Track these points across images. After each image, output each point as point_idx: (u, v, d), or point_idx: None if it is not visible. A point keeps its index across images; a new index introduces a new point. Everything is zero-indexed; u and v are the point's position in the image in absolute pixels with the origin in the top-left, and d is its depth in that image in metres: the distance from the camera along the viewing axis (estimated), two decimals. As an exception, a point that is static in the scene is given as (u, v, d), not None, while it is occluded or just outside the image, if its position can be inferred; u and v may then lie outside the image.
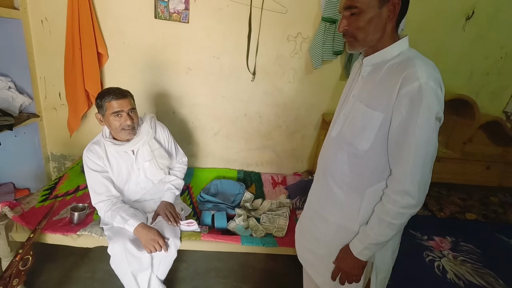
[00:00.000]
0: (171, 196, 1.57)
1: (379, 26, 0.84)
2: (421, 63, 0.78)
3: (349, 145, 0.91)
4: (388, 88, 0.81)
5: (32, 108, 2.05)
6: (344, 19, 0.86)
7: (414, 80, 0.75)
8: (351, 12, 0.84)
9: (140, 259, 1.34)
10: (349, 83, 1.03)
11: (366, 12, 0.82)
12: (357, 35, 0.85)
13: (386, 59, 0.86)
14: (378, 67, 0.87)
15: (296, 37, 2.06)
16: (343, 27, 0.86)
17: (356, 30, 0.84)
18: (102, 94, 1.37)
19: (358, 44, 0.87)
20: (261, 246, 1.52)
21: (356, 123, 0.89)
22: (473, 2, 2.04)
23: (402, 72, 0.78)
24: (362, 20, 0.83)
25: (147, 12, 1.93)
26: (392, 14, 0.83)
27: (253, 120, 2.26)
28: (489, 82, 2.30)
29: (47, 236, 1.44)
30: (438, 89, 0.77)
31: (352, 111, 0.92)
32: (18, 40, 1.88)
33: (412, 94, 0.76)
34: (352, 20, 0.84)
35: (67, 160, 2.28)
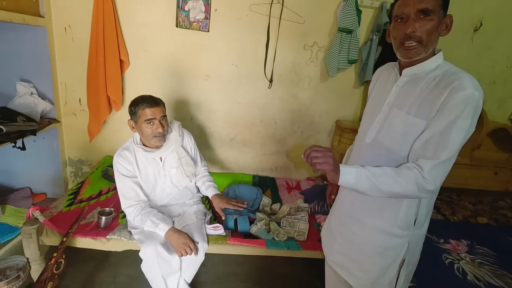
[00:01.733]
0: (215, 190, 1.68)
1: (438, 36, 0.88)
2: (466, 75, 0.84)
3: (388, 151, 0.95)
4: (432, 98, 0.86)
5: (52, 114, 2.08)
6: (415, 22, 0.86)
7: (463, 90, 0.81)
8: (423, 16, 0.85)
9: (170, 263, 1.37)
10: (377, 91, 1.08)
11: (436, 19, 0.86)
12: (424, 39, 0.86)
13: (426, 70, 0.91)
14: (416, 78, 0.92)
15: (312, 46, 2.13)
16: (412, 29, 0.86)
17: (425, 34, 0.86)
18: (136, 102, 1.41)
19: (423, 49, 0.88)
20: (286, 249, 1.56)
21: (396, 130, 0.93)
22: (481, 15, 2.14)
23: (450, 83, 0.83)
24: (433, 26, 0.85)
25: (168, 21, 1.99)
26: (447, 28, 0.89)
27: (268, 126, 2.31)
28: (496, 90, 2.39)
29: (77, 240, 1.47)
30: (481, 100, 0.83)
31: (390, 119, 0.95)
32: (42, 47, 1.91)
33: (459, 100, 0.81)
34: (423, 23, 0.86)
35: (84, 165, 2.30)
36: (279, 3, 1.99)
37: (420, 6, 0.85)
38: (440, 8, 0.86)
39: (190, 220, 1.55)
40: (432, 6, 0.85)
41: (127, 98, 2.11)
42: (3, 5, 1.56)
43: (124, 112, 2.12)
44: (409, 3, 0.87)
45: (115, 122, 2.18)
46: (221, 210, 1.65)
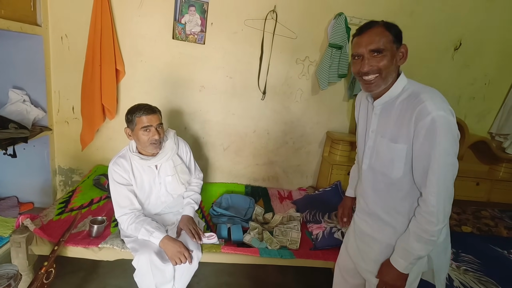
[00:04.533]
0: (191, 211, 1.60)
1: (395, 66, 0.96)
2: (428, 96, 0.89)
3: (383, 175, 1.02)
4: (404, 123, 0.93)
5: (44, 121, 2.06)
6: (370, 60, 0.95)
7: (427, 115, 0.86)
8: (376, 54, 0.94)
9: (164, 272, 1.36)
10: (362, 119, 1.16)
11: (389, 54, 0.94)
12: (383, 71, 0.94)
13: (394, 96, 0.98)
14: (389, 105, 1.00)
15: (304, 60, 2.22)
16: (368, 69, 0.95)
17: (382, 68, 0.94)
18: (133, 110, 1.43)
19: (382, 81, 0.96)
20: (279, 258, 1.58)
21: (383, 156, 1.01)
22: (460, 35, 2.29)
23: (414, 107, 0.90)
24: (387, 61, 0.94)
25: (165, 33, 2.04)
26: (404, 57, 0.98)
27: (261, 136, 2.36)
28: (475, 105, 2.53)
29: (68, 249, 1.44)
30: (449, 115, 0.87)
31: (376, 146, 1.03)
32: (37, 55, 1.92)
33: (427, 126, 0.86)
34: (377, 60, 0.94)
35: (74, 173, 2.27)
36: (273, 19, 2.08)
37: (371, 47, 0.94)
38: (392, 43, 0.94)
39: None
40: (383, 45, 0.93)
41: (122, 107, 2.12)
42: (1, 13, 1.57)
43: (117, 121, 2.13)
44: (362, 44, 0.96)
45: (108, 131, 2.18)
46: (180, 230, 1.53)
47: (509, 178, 2.56)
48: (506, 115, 2.48)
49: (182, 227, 1.52)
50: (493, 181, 2.55)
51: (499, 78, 2.47)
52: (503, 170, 2.57)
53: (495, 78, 2.47)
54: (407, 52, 0.98)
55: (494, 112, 2.58)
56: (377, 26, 0.96)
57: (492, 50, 2.37)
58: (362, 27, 0.99)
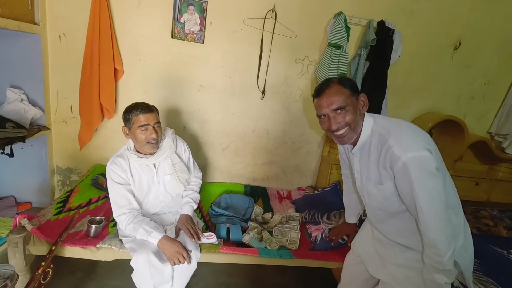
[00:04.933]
0: (190, 210, 1.59)
1: (360, 115, 1.04)
2: (394, 141, 0.95)
3: (382, 210, 1.10)
4: (381, 166, 1.00)
5: (42, 121, 2.05)
6: (336, 118, 1.02)
7: (397, 160, 0.92)
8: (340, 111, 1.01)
9: (163, 272, 1.35)
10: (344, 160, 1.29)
11: (351, 107, 1.01)
12: (351, 124, 1.02)
13: (366, 139, 1.05)
14: (365, 149, 1.06)
15: (304, 60, 2.21)
16: (336, 126, 1.02)
17: (349, 121, 1.02)
18: (130, 108, 1.42)
19: (352, 132, 1.04)
20: (278, 258, 1.57)
21: (376, 196, 1.07)
22: (460, 35, 2.29)
23: (386, 154, 0.96)
24: (351, 114, 1.01)
25: (164, 32, 2.03)
26: (365, 105, 1.04)
27: (260, 136, 2.35)
28: (475, 105, 2.53)
29: (66, 249, 1.43)
30: (419, 152, 0.91)
31: (366, 187, 1.10)
32: (35, 54, 1.91)
33: (401, 171, 0.93)
34: (342, 116, 1.02)
35: (73, 173, 2.26)
36: (272, 18, 2.07)
37: (333, 107, 1.01)
38: (350, 96, 1.01)
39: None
40: (344, 103, 1.00)
41: (120, 106, 2.11)
42: (-1, 12, 1.57)
43: (116, 120, 2.12)
44: (324, 105, 1.03)
45: (107, 130, 2.17)
46: (179, 230, 1.51)
47: (508, 178, 2.56)
48: (506, 115, 2.48)
49: (180, 226, 1.51)
50: (493, 181, 2.55)
51: (498, 78, 2.47)
52: (503, 170, 2.57)
53: (495, 78, 2.46)
54: (367, 99, 1.05)
55: (493, 112, 2.57)
56: (333, 84, 1.02)
57: (492, 50, 2.37)
58: (319, 89, 1.05)
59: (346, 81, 1.03)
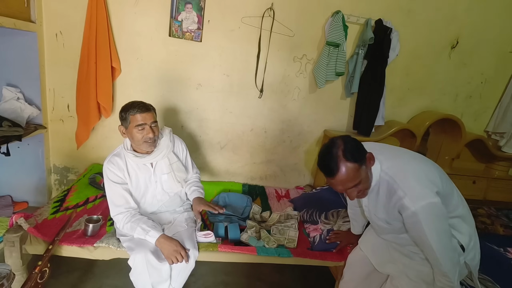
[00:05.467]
0: (199, 193, 1.61)
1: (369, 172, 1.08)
2: (403, 192, 1.01)
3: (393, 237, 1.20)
4: (391, 208, 1.08)
5: (39, 119, 2.03)
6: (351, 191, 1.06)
7: (407, 210, 1.00)
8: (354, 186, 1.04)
9: (160, 271, 1.35)
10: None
11: (364, 178, 1.04)
12: (367, 188, 1.10)
13: (373, 185, 1.11)
14: (372, 191, 1.13)
15: (302, 58, 2.21)
16: (353, 196, 1.08)
17: (363, 189, 1.08)
18: (127, 107, 1.41)
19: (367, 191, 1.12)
20: (276, 256, 1.57)
21: (385, 229, 1.18)
22: (457, 34, 2.30)
23: (396, 203, 1.04)
24: (364, 182, 1.06)
25: (161, 31, 2.02)
26: (371, 163, 1.08)
27: (259, 135, 2.35)
28: (472, 104, 2.54)
29: (63, 248, 1.42)
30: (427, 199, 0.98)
31: (375, 220, 1.20)
32: (31, 52, 1.89)
33: (411, 218, 1.00)
34: (357, 188, 1.06)
35: (70, 172, 2.25)
36: (270, 16, 2.07)
37: (348, 186, 1.04)
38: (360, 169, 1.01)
39: (180, 228, 1.53)
40: (357, 180, 1.02)
41: (118, 105, 2.10)
42: (-6, 9, 1.55)
43: (114, 119, 2.11)
44: (338, 187, 1.05)
45: (104, 129, 2.16)
46: (198, 213, 1.54)
47: (505, 176, 2.57)
48: (502, 113, 2.49)
49: (198, 208, 1.53)
50: (489, 179, 2.57)
51: (495, 77, 2.48)
52: (499, 169, 2.58)
53: (492, 77, 2.48)
54: (373, 157, 1.08)
55: (490, 110, 2.59)
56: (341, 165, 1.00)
57: (489, 49, 2.38)
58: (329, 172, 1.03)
59: (351, 154, 1.00)
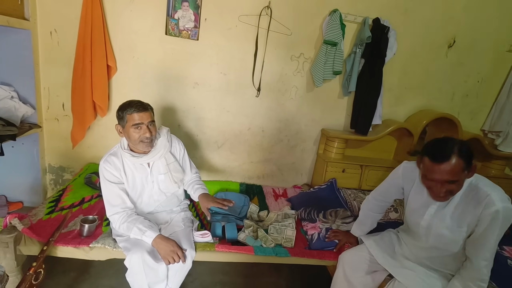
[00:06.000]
0: (203, 190, 1.61)
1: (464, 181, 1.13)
2: (490, 189, 1.10)
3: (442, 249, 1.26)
4: (468, 211, 1.14)
5: (34, 119, 2.01)
6: (444, 186, 1.10)
7: (492, 206, 1.07)
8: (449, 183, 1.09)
9: (157, 271, 1.34)
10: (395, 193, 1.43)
11: (460, 180, 1.09)
12: (454, 193, 1.14)
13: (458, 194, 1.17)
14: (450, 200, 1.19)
15: (299, 57, 2.20)
16: (443, 191, 1.11)
17: (454, 191, 1.12)
18: (124, 106, 1.39)
19: (451, 196, 1.16)
20: (274, 256, 1.56)
21: (445, 237, 1.22)
22: (454, 33, 2.30)
23: (481, 200, 1.10)
24: (458, 185, 1.11)
25: (158, 29, 2.00)
26: (472, 174, 1.12)
27: (256, 134, 2.34)
28: (469, 103, 2.55)
29: (58, 249, 1.41)
30: (509, 204, 1.09)
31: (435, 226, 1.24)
32: (25, 51, 1.87)
33: (493, 215, 1.08)
34: (452, 186, 1.10)
35: (65, 172, 2.23)
36: (268, 15, 2.05)
37: (445, 179, 1.09)
38: (463, 171, 1.07)
39: (177, 227, 1.52)
40: (457, 178, 1.08)
41: (114, 104, 2.08)
42: (-14, 7, 1.53)
43: (109, 118, 2.09)
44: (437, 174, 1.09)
45: (100, 128, 2.13)
46: (207, 210, 1.54)
47: (501, 175, 2.59)
48: (498, 112, 2.50)
49: (206, 205, 1.52)
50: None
51: (491, 76, 2.49)
52: (495, 167, 2.59)
53: (488, 76, 2.48)
54: (476, 168, 1.12)
55: (486, 109, 2.60)
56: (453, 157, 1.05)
57: (485, 48, 2.39)
58: (438, 156, 1.08)
59: (465, 154, 1.06)
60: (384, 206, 1.54)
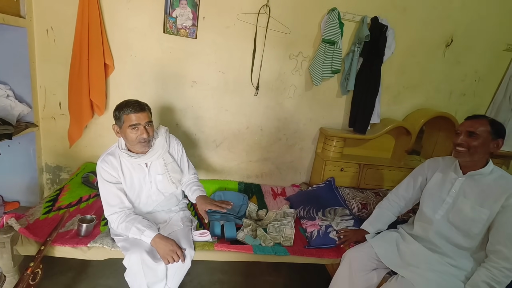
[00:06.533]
0: (201, 192, 1.57)
1: (486, 151, 1.26)
2: None
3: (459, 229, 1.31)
4: (493, 195, 1.23)
5: (30, 117, 1.99)
6: (463, 136, 1.25)
7: None
8: (470, 134, 1.23)
9: (156, 271, 1.33)
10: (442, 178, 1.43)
11: (481, 139, 1.22)
12: (470, 149, 1.24)
13: (484, 173, 1.29)
14: (474, 177, 1.31)
15: (298, 56, 2.20)
16: (461, 140, 1.25)
17: (471, 146, 1.24)
18: (121, 106, 1.38)
19: (467, 155, 1.26)
20: (273, 255, 1.56)
21: (465, 214, 1.29)
22: (452, 32, 2.31)
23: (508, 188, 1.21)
24: (477, 142, 1.23)
25: (156, 27, 1.99)
26: (497, 148, 1.25)
27: (254, 133, 2.34)
28: (466, 101, 2.56)
29: (56, 249, 1.39)
30: None
31: (458, 204, 1.32)
32: (21, 49, 1.84)
33: None
34: (470, 139, 1.24)
35: (62, 171, 2.21)
36: (266, 13, 2.05)
37: (469, 129, 1.24)
38: (489, 133, 1.22)
39: (176, 227, 1.52)
40: (478, 131, 1.22)
41: (111, 102, 2.06)
42: (-19, 4, 1.50)
43: (107, 117, 2.08)
44: (465, 125, 1.27)
45: (97, 127, 2.12)
46: (205, 213, 1.49)
47: (497, 173, 2.60)
48: (495, 111, 2.52)
49: (204, 208, 1.47)
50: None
51: (488, 75, 2.50)
52: (492, 166, 2.61)
53: (485, 75, 2.49)
54: (502, 144, 1.25)
55: (483, 108, 2.61)
56: (484, 119, 1.25)
57: (483, 47, 2.40)
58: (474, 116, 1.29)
59: (496, 124, 1.24)
60: (401, 206, 1.64)
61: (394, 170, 2.37)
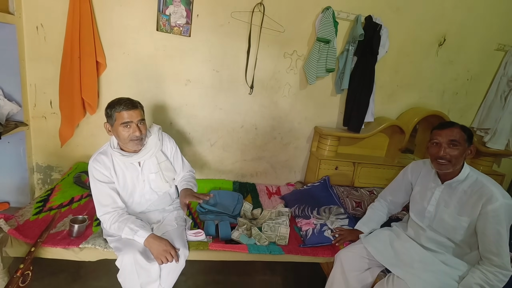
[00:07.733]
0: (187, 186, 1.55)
1: (462, 158, 1.27)
2: (494, 188, 1.21)
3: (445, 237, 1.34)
4: (471, 202, 1.24)
5: (20, 116, 1.95)
6: (446, 148, 1.25)
7: (495, 202, 1.18)
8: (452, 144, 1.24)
9: (149, 271, 1.31)
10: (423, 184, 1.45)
11: (461, 147, 1.24)
12: (452, 160, 1.25)
13: (461, 179, 1.29)
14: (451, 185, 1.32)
15: (292, 54, 2.19)
16: (444, 153, 1.25)
17: (452, 157, 1.24)
18: (113, 104, 1.36)
19: (450, 166, 1.26)
20: (268, 254, 1.56)
21: (446, 223, 1.32)
22: (444, 31, 2.33)
23: (482, 194, 1.21)
24: (457, 152, 1.24)
25: (149, 25, 1.96)
26: (471, 154, 1.27)
27: (249, 132, 2.33)
28: (458, 100, 2.59)
29: (46, 250, 1.37)
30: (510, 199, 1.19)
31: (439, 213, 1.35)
32: (10, 46, 1.81)
33: (495, 210, 1.17)
34: (451, 150, 1.24)
35: (54, 171, 2.17)
36: (260, 11, 2.04)
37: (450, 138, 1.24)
38: (464, 141, 1.25)
39: (170, 227, 1.50)
40: (458, 140, 1.24)
41: (103, 101, 2.03)
42: (-32, 0, 1.46)
43: (99, 116, 2.04)
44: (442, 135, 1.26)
45: (89, 126, 2.09)
46: (184, 205, 1.46)
47: (489, 171, 2.64)
48: (487, 110, 2.55)
49: (184, 200, 1.44)
50: (475, 175, 2.62)
51: (480, 74, 2.53)
52: (484, 164, 2.64)
53: (477, 74, 2.52)
54: (475, 149, 1.28)
55: (475, 107, 2.64)
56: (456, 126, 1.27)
57: (474, 46, 2.42)
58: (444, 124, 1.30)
59: (467, 130, 1.27)
60: (390, 209, 1.68)
61: (388, 169, 2.39)
